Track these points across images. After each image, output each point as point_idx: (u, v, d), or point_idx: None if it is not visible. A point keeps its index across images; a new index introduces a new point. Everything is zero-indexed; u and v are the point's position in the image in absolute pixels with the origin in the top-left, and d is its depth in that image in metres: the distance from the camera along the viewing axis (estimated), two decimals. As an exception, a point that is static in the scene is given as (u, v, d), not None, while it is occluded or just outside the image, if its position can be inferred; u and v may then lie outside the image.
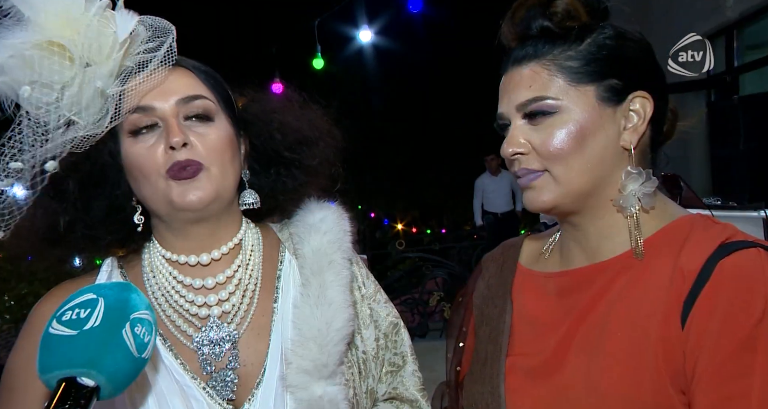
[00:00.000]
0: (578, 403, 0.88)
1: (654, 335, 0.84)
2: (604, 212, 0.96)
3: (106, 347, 0.76)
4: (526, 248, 1.14)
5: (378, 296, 1.15)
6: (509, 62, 0.99)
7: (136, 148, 0.97)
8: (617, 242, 0.96)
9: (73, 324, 0.78)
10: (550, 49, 0.95)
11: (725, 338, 0.79)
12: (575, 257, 1.01)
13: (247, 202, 1.06)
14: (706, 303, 0.81)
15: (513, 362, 0.98)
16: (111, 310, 0.79)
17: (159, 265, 1.04)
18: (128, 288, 0.84)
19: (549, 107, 0.93)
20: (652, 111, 0.94)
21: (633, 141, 0.94)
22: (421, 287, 7.74)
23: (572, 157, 0.92)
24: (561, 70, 0.93)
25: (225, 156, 1.00)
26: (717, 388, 0.78)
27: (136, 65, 0.96)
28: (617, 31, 0.96)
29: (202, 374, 0.98)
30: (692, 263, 0.85)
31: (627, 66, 0.95)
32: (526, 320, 1.01)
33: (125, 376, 0.79)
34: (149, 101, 0.97)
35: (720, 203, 3.38)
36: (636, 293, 0.89)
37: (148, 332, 0.82)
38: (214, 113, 1.01)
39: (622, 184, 0.94)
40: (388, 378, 1.13)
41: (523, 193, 0.99)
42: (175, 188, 0.96)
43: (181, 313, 1.01)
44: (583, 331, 0.92)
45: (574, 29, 0.95)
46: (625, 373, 0.84)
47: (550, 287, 1.01)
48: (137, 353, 0.80)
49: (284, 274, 1.08)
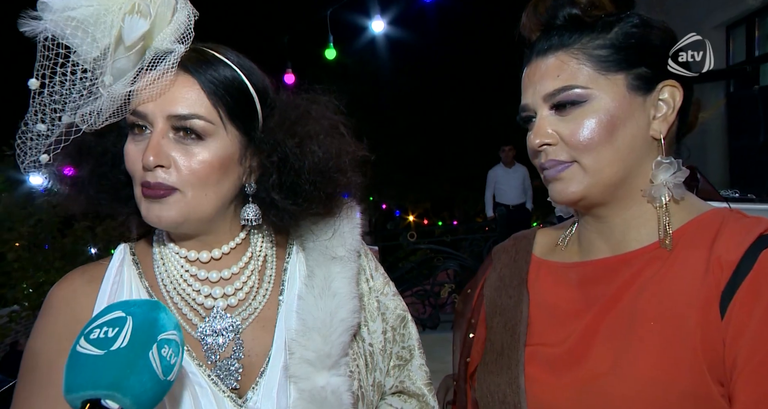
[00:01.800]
0: (607, 391, 0.87)
1: (692, 323, 0.84)
2: (632, 203, 0.95)
3: (132, 369, 0.75)
4: (539, 239, 1.13)
5: (386, 289, 1.14)
6: (533, 53, 0.98)
7: (129, 147, 0.98)
8: (643, 233, 0.95)
9: (101, 344, 0.77)
10: (578, 38, 0.94)
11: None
12: (597, 249, 1.00)
13: (247, 218, 1.03)
14: (749, 294, 0.81)
15: (532, 352, 0.97)
16: (139, 330, 0.79)
17: (168, 254, 1.05)
18: (157, 307, 0.83)
19: (578, 96, 0.92)
20: (681, 100, 0.93)
21: (663, 130, 0.93)
22: (433, 279, 7.78)
23: (603, 147, 0.91)
24: (590, 59, 0.92)
25: (209, 179, 0.96)
26: (761, 381, 0.77)
27: (152, 60, 0.94)
28: (643, 19, 0.95)
29: (207, 363, 0.98)
30: (730, 253, 0.84)
31: (655, 54, 0.94)
32: (544, 309, 1.00)
33: (150, 399, 0.77)
34: (144, 107, 0.94)
35: (738, 196, 3.31)
36: (668, 283, 0.88)
37: (174, 354, 0.81)
38: (208, 133, 0.95)
39: (653, 173, 0.93)
40: (395, 372, 1.12)
41: (550, 185, 0.98)
42: (144, 203, 0.96)
43: (187, 301, 1.02)
44: (611, 320, 0.91)
45: (600, 18, 0.94)
46: (662, 360, 0.84)
47: (571, 276, 1.00)
48: (163, 376, 0.79)
49: (291, 267, 1.08)
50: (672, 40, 0.96)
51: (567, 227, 1.11)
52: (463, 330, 1.13)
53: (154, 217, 0.95)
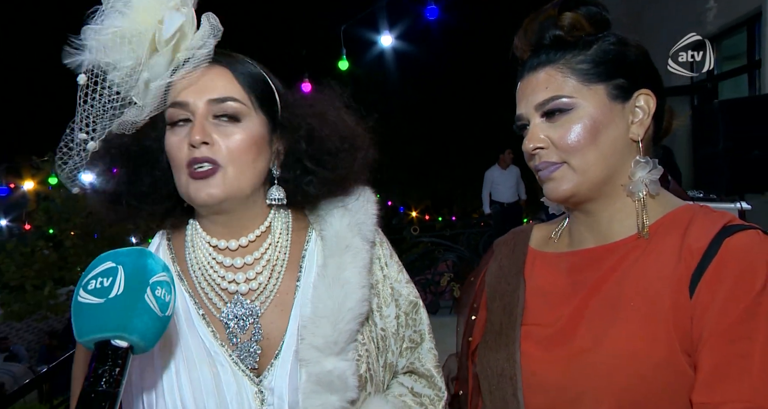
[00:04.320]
0: (593, 364, 0.90)
1: (666, 303, 0.87)
2: (616, 198, 0.99)
3: (132, 312, 0.77)
4: (535, 233, 1.16)
5: (400, 276, 1.13)
6: (524, 70, 1.02)
7: (171, 139, 0.99)
8: (626, 225, 0.99)
9: (99, 293, 0.78)
10: (563, 55, 0.98)
11: (731, 306, 0.82)
12: (585, 240, 1.04)
13: (273, 198, 1.05)
14: (713, 276, 0.85)
15: (528, 331, 1.00)
16: (131, 277, 0.80)
17: (199, 242, 1.06)
18: (143, 254, 0.84)
19: (565, 105, 0.96)
20: (655, 107, 0.98)
21: (640, 133, 0.97)
22: (433, 269, 7.78)
23: (588, 149, 0.95)
24: (573, 72, 0.97)
25: (246, 157, 0.99)
26: (722, 349, 0.81)
27: (185, 59, 0.97)
28: (618, 38, 1.00)
29: (230, 344, 0.99)
30: (699, 241, 0.89)
31: (630, 67, 0.98)
32: (538, 294, 1.04)
33: (154, 334, 0.81)
34: (184, 97, 0.98)
35: (702, 196, 3.48)
36: (646, 269, 0.92)
37: (167, 292, 0.83)
38: (243, 114, 0.99)
39: (631, 171, 0.97)
40: (407, 353, 1.12)
41: (544, 185, 1.01)
42: (192, 185, 0.97)
43: (213, 287, 1.03)
44: (596, 302, 0.94)
45: (582, 38, 0.99)
46: (640, 335, 0.87)
47: (562, 265, 1.04)
48: (161, 312, 0.81)
49: (308, 254, 1.08)
50: (644, 55, 1.01)
51: (559, 222, 1.14)
52: (466, 314, 1.16)
53: (204, 194, 0.96)
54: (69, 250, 7.73)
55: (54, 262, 7.81)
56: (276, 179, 1.06)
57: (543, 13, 1.01)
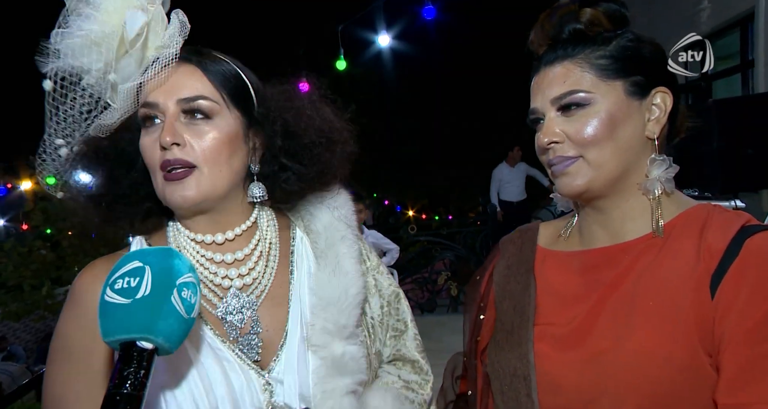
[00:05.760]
0: (612, 365, 0.89)
1: (687, 303, 0.86)
2: (630, 195, 0.98)
3: (158, 313, 0.77)
4: (543, 231, 1.15)
5: (381, 268, 1.17)
6: (541, 64, 1.01)
7: (145, 140, 0.98)
8: (639, 224, 0.98)
9: (126, 293, 0.77)
10: (582, 50, 0.97)
11: (753, 307, 0.81)
12: (597, 238, 1.02)
13: (254, 196, 1.04)
14: (735, 277, 0.84)
15: (541, 331, 0.99)
16: (158, 278, 0.79)
17: (183, 242, 1.04)
18: (171, 254, 0.83)
19: (582, 99, 0.95)
20: (671, 105, 0.97)
21: (656, 131, 0.96)
22: (430, 268, 7.83)
23: (605, 143, 0.95)
24: (592, 67, 0.96)
25: (221, 155, 0.97)
26: (746, 350, 0.80)
27: (154, 59, 0.96)
28: (636, 35, 0.99)
29: (230, 339, 0.99)
30: (718, 242, 0.88)
31: (648, 65, 0.98)
32: (550, 293, 1.02)
33: (178, 336, 0.80)
34: (154, 97, 0.96)
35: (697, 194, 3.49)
36: (664, 269, 0.91)
37: (193, 294, 0.82)
38: (214, 112, 0.97)
39: (647, 169, 0.96)
40: (392, 342, 1.15)
41: (557, 179, 1.00)
42: (167, 187, 0.96)
43: (206, 283, 1.02)
44: (612, 302, 0.93)
45: (601, 33, 0.98)
46: (660, 336, 0.86)
47: (574, 264, 1.03)
48: (186, 315, 0.80)
49: (297, 249, 1.09)
50: (661, 54, 1.00)
51: (567, 220, 1.12)
52: (473, 313, 1.15)
53: (178, 197, 0.95)
54: (66, 250, 7.70)
55: (51, 262, 7.78)
56: (255, 176, 1.05)
57: (562, 7, 1.00)
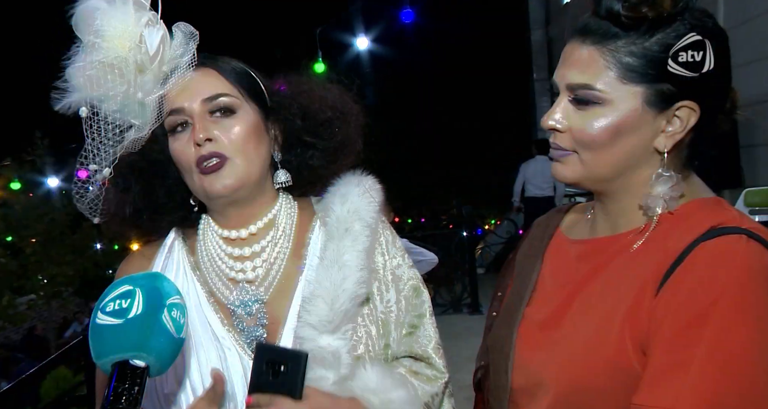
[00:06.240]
0: (556, 354, 0.91)
1: (628, 302, 0.85)
2: (622, 197, 0.95)
3: (150, 331, 0.80)
4: (569, 215, 1.13)
5: (401, 261, 1.15)
6: (576, 30, 0.91)
7: (175, 145, 1.04)
8: (630, 218, 0.94)
9: (118, 314, 0.80)
10: (615, 38, 0.86)
11: (683, 312, 0.79)
12: (601, 228, 1.00)
13: (280, 181, 1.10)
14: (677, 279, 0.82)
15: (528, 313, 1.01)
16: (149, 298, 0.82)
17: (210, 235, 1.11)
18: (158, 278, 0.88)
19: (595, 98, 0.88)
20: (695, 121, 0.87)
21: (668, 145, 0.88)
22: None
23: (602, 149, 0.89)
24: (617, 64, 0.86)
25: (249, 145, 1.04)
26: (664, 355, 0.79)
27: (170, 70, 1.03)
28: (693, 27, 0.85)
29: (236, 330, 1.04)
30: (680, 242, 0.84)
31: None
32: (547, 278, 1.04)
33: (169, 355, 0.83)
34: (179, 103, 1.03)
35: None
36: (633, 264, 0.89)
37: (182, 315, 0.85)
38: (237, 107, 1.04)
39: (651, 184, 0.89)
40: (406, 339, 1.14)
41: (553, 163, 0.98)
42: (205, 180, 1.02)
43: (221, 277, 1.08)
44: (584, 294, 0.93)
45: (645, 21, 0.84)
46: (601, 330, 0.87)
47: (572, 252, 1.02)
48: (176, 334, 0.83)
49: (312, 242, 1.11)
50: (717, 57, 0.86)
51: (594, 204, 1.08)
52: (496, 289, 1.17)
53: (219, 186, 1.02)
54: (29, 258, 7.47)
55: (13, 270, 7.58)
56: (279, 163, 1.11)
57: None
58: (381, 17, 8.59)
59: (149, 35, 1.00)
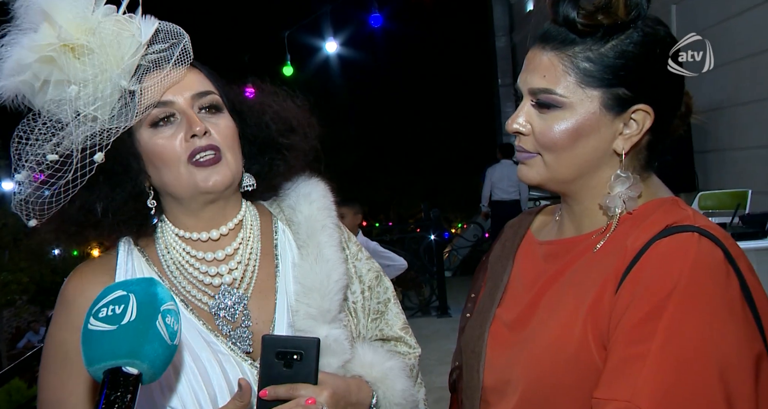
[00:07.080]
0: (524, 352, 0.93)
1: (590, 299, 0.87)
2: (585, 198, 0.97)
3: (144, 337, 0.78)
4: (539, 217, 1.15)
5: (360, 255, 1.20)
6: (538, 37, 0.93)
7: (156, 139, 1.01)
8: (594, 219, 0.97)
9: (111, 320, 0.79)
10: (572, 45, 0.89)
11: (637, 307, 0.81)
12: (567, 229, 1.02)
13: (246, 185, 1.11)
14: (633, 276, 0.84)
15: (499, 313, 1.03)
16: (143, 304, 0.81)
17: (172, 242, 1.08)
18: (153, 283, 0.86)
19: (555, 101, 0.90)
20: (651, 124, 0.90)
21: (625, 148, 0.91)
22: None
23: (563, 151, 0.92)
24: (575, 69, 0.89)
25: (234, 143, 1.05)
26: (622, 349, 0.81)
27: (151, 65, 1.01)
28: (646, 35, 0.88)
29: (223, 334, 1.04)
30: (638, 241, 0.87)
31: (640, 77, 0.89)
32: (517, 279, 1.06)
33: (162, 362, 0.81)
34: (169, 96, 1.01)
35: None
36: (594, 264, 0.92)
37: (176, 321, 0.84)
38: (222, 106, 1.06)
39: (610, 185, 0.92)
40: (373, 324, 1.18)
41: (519, 165, 1.01)
42: (199, 174, 1.00)
43: (195, 284, 1.06)
44: (550, 294, 0.95)
45: (600, 28, 0.87)
46: (564, 329, 0.89)
47: (540, 253, 1.05)
48: (170, 340, 0.82)
49: (280, 242, 1.13)
50: (664, 62, 0.89)
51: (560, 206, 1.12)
52: (469, 290, 1.18)
53: (213, 181, 1.00)
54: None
55: None
56: (243, 168, 1.11)
57: None
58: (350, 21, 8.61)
59: (146, 23, 1.00)
